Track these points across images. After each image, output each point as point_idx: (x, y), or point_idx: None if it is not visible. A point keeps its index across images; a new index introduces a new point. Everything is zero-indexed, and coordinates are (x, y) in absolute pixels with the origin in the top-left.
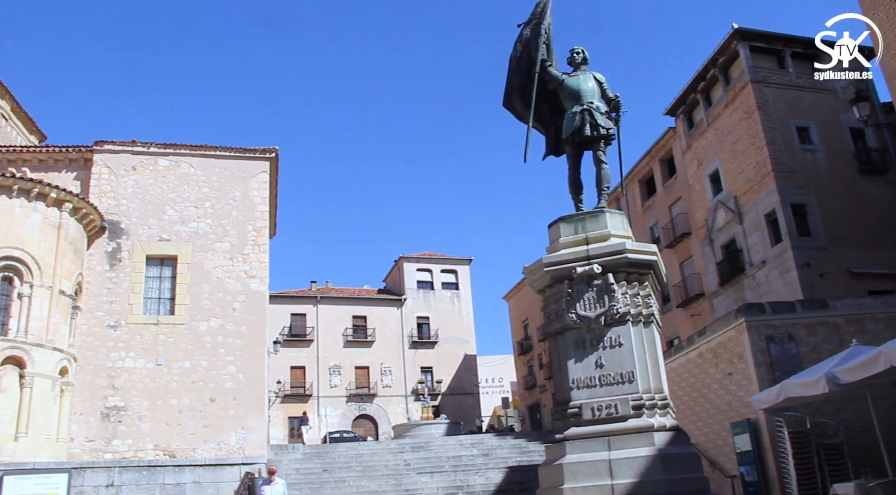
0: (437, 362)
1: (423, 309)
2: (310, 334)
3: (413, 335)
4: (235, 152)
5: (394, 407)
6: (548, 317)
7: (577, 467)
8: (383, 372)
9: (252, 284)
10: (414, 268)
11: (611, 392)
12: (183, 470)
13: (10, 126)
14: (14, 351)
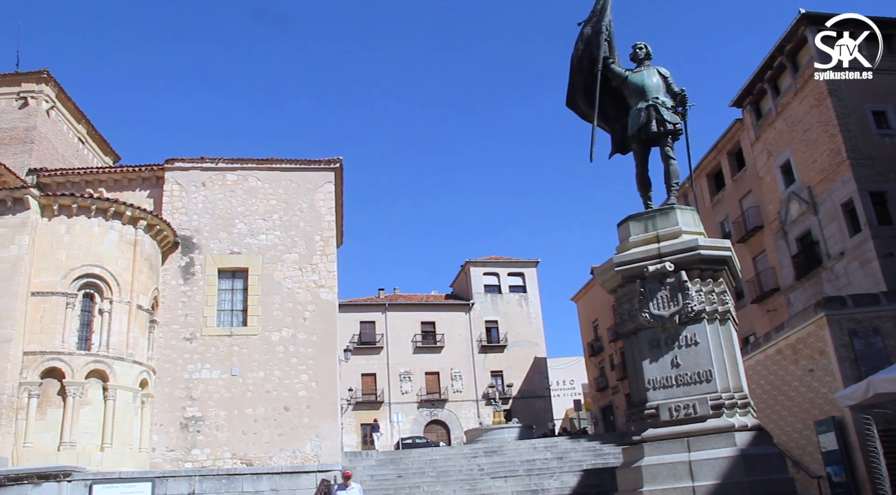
0: (507, 366)
1: (491, 313)
2: (379, 341)
3: (482, 339)
4: (300, 164)
5: (465, 411)
6: (620, 318)
7: (655, 469)
8: (453, 377)
9: (321, 293)
10: (481, 273)
11: (688, 392)
12: (261, 478)
13: (87, 149)
14: (97, 365)
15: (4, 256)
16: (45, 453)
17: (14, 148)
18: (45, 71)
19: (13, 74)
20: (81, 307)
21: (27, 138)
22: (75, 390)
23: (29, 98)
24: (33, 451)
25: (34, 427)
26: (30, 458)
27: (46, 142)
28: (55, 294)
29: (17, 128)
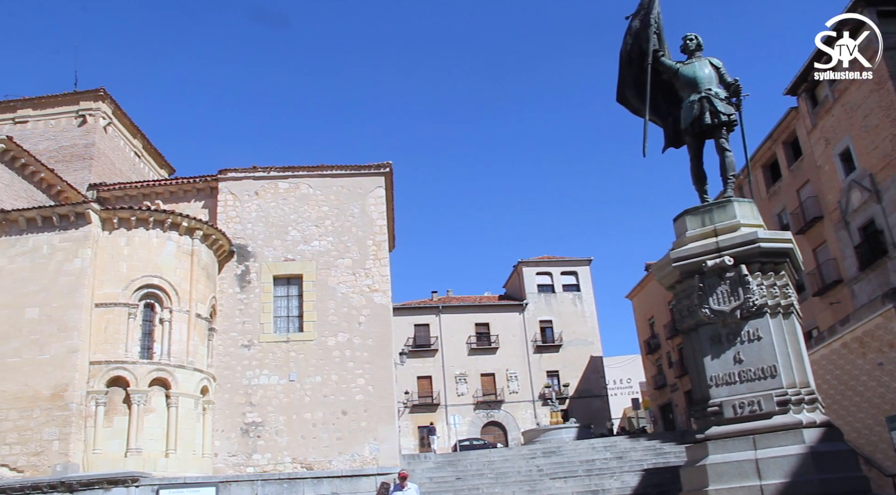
0: (563, 365)
1: (545, 312)
2: (434, 344)
3: (537, 339)
4: (351, 170)
5: (521, 412)
6: (679, 314)
7: (721, 468)
8: (509, 378)
9: (375, 298)
10: (533, 272)
11: (752, 388)
12: (321, 482)
13: (143, 162)
14: (159, 373)
15: (69, 269)
16: (113, 459)
17: (75, 164)
18: (102, 89)
19: (72, 93)
20: (143, 317)
21: (87, 155)
22: (139, 398)
23: (87, 116)
24: (102, 457)
25: (102, 434)
26: (99, 464)
27: (105, 157)
28: (118, 305)
29: (77, 145)
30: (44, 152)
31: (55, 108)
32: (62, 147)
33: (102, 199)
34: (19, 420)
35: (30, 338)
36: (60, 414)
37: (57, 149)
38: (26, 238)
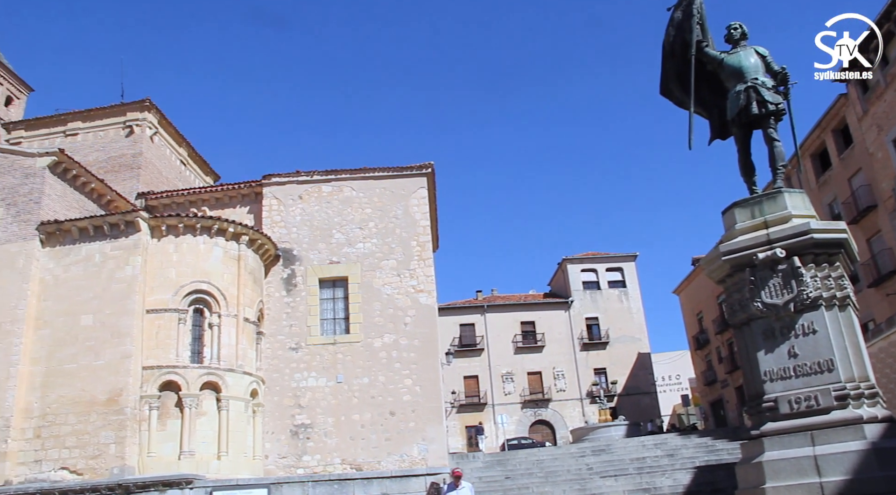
0: (611, 363)
1: (590, 309)
2: (479, 343)
3: (583, 337)
4: (393, 171)
5: (569, 410)
6: (731, 308)
7: (778, 465)
8: (556, 376)
9: (421, 298)
10: (578, 269)
11: (808, 383)
12: (371, 483)
13: (189, 170)
14: (210, 377)
15: (120, 277)
16: (167, 462)
17: (123, 174)
18: (147, 99)
19: (119, 105)
20: (192, 322)
21: (134, 164)
22: (191, 401)
23: (134, 126)
24: (156, 460)
25: (156, 437)
26: (154, 467)
27: (152, 166)
28: (168, 310)
29: (125, 155)
30: (94, 163)
31: (103, 120)
32: (111, 157)
33: (151, 207)
34: (77, 424)
35: (85, 345)
36: (116, 419)
37: (106, 159)
38: (79, 247)
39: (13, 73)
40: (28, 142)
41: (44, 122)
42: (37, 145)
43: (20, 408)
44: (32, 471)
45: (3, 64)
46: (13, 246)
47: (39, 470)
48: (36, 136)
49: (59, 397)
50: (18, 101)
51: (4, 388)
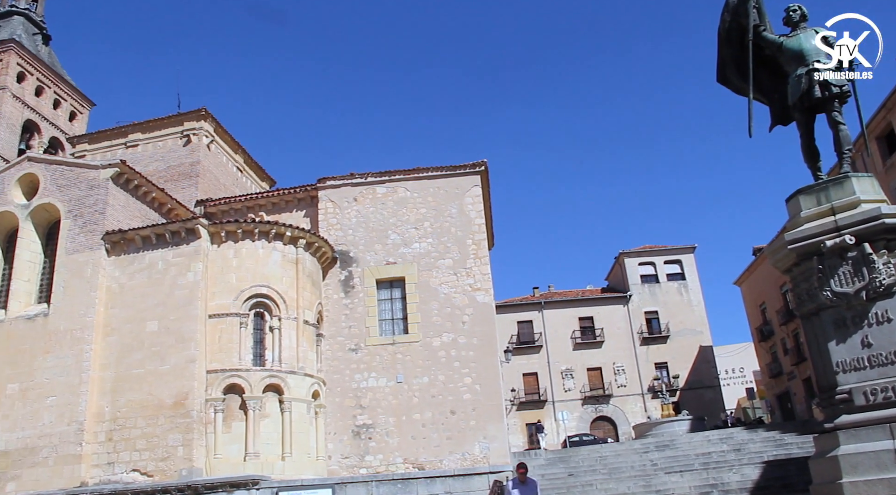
0: (672, 357)
1: (649, 303)
2: (538, 340)
3: (643, 331)
4: (446, 170)
5: (631, 406)
6: (798, 298)
7: (855, 459)
8: (616, 371)
9: (478, 297)
10: (636, 263)
11: (885, 373)
12: (434, 482)
13: (245, 176)
14: (272, 379)
15: (182, 283)
16: (233, 463)
17: (182, 182)
18: (203, 109)
19: (176, 115)
20: (254, 326)
21: (192, 172)
22: (255, 404)
23: (191, 135)
24: (223, 462)
25: (222, 439)
26: (220, 468)
27: (209, 174)
28: (229, 315)
29: (183, 164)
30: (154, 173)
31: (162, 131)
32: (170, 166)
33: (209, 214)
34: (146, 427)
35: (151, 350)
36: (183, 421)
37: (166, 168)
38: (143, 255)
39: (76, 90)
40: (92, 154)
41: (106, 135)
42: (100, 158)
43: (92, 413)
44: (106, 473)
45: (66, 81)
46: (81, 256)
47: (112, 472)
48: (99, 149)
49: (128, 401)
50: (81, 116)
51: (77, 393)
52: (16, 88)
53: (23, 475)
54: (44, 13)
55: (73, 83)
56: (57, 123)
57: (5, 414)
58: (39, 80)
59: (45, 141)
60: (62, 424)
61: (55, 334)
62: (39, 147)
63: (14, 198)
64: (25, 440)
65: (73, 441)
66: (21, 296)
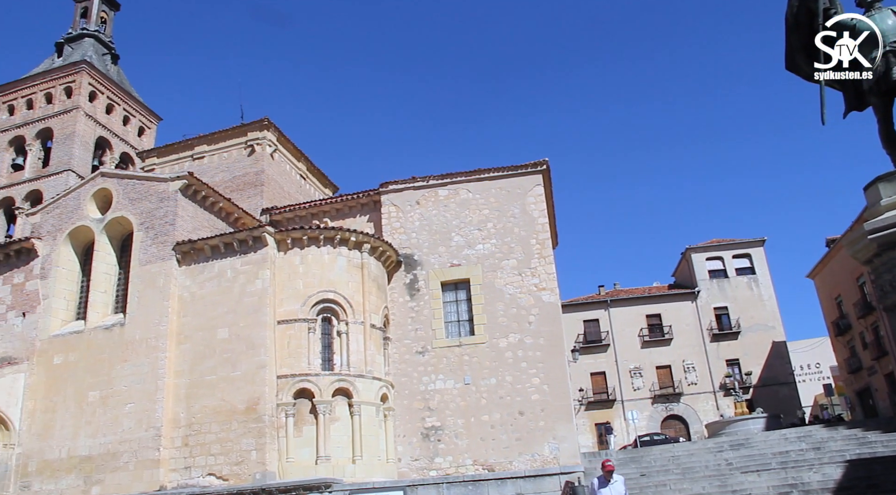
0: (743, 353)
1: (718, 299)
2: (605, 339)
3: (712, 327)
4: (507, 171)
5: (702, 404)
6: (881, 289)
7: None
8: (686, 369)
9: (543, 296)
10: (703, 258)
11: None
12: (505, 483)
13: (309, 183)
14: (341, 383)
15: (251, 290)
16: (304, 466)
17: (248, 192)
18: (266, 118)
19: (240, 126)
20: (321, 330)
21: (257, 181)
22: (324, 408)
23: (255, 145)
24: (295, 465)
25: (293, 443)
26: (292, 472)
27: (273, 182)
28: (297, 320)
29: (248, 174)
30: (220, 183)
31: (226, 142)
32: (235, 176)
33: (275, 222)
34: (220, 432)
35: (223, 357)
36: (255, 426)
37: (231, 179)
38: (212, 264)
39: (144, 106)
40: (160, 168)
41: (173, 149)
42: (168, 170)
43: (168, 419)
44: (183, 477)
45: (134, 98)
46: (153, 266)
47: (189, 476)
48: (167, 162)
49: (202, 407)
50: (149, 130)
51: (154, 400)
52: (88, 107)
53: (106, 479)
54: (112, 34)
55: (140, 99)
56: (127, 139)
57: (88, 421)
58: (109, 98)
59: (116, 156)
60: (141, 430)
61: (131, 343)
62: (111, 162)
63: (90, 212)
64: (107, 445)
65: (152, 446)
66: (98, 306)
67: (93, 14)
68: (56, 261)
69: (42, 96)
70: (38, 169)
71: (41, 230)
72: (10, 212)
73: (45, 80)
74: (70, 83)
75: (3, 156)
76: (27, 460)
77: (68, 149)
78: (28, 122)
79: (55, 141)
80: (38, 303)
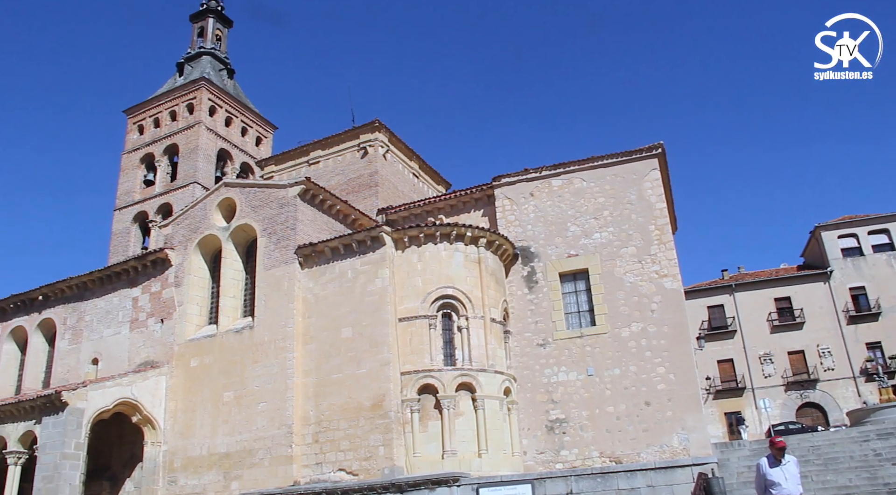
0: (885, 335)
1: (854, 278)
2: (731, 325)
3: (848, 309)
4: (621, 157)
5: (841, 391)
6: None
7: None
8: (821, 354)
9: (665, 283)
10: (834, 236)
11: None
12: (634, 475)
13: (422, 181)
14: (464, 378)
15: (371, 289)
16: (431, 461)
17: (363, 193)
18: (377, 120)
19: (352, 130)
20: (442, 326)
21: (372, 182)
22: (448, 403)
23: (367, 147)
24: (422, 460)
25: (419, 438)
26: (419, 467)
27: (387, 182)
28: (418, 317)
29: (362, 176)
30: (336, 186)
31: (340, 145)
32: (350, 179)
33: (391, 221)
34: (348, 429)
35: (347, 355)
36: (381, 422)
37: (346, 181)
38: (333, 266)
39: (260, 116)
40: (279, 175)
41: (289, 156)
42: (286, 177)
43: (299, 416)
44: (315, 473)
45: (251, 109)
46: (277, 270)
47: (321, 471)
48: (285, 169)
49: (330, 405)
50: (266, 139)
51: (284, 399)
52: (209, 122)
53: (244, 475)
54: (226, 50)
55: (256, 110)
56: (245, 149)
57: (224, 420)
58: (228, 111)
59: (236, 166)
60: (273, 428)
61: (260, 345)
62: (232, 173)
63: (216, 221)
64: (243, 443)
65: (284, 443)
66: (228, 311)
67: (208, 33)
68: (188, 269)
69: (167, 114)
70: (167, 183)
71: (173, 240)
72: (145, 225)
73: (168, 99)
74: (191, 100)
75: (136, 173)
76: (172, 457)
77: (193, 163)
78: (156, 140)
79: (181, 155)
80: (174, 310)
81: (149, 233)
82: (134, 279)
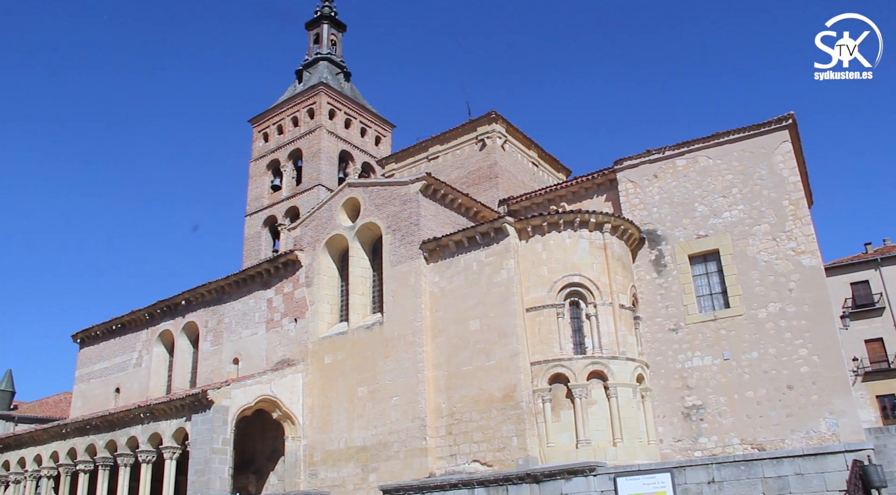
0: None
1: None
2: (878, 302)
3: None
4: (748, 131)
5: None
6: None
7: None
8: None
9: (803, 260)
10: None
11: None
12: (781, 463)
13: (541, 170)
14: (595, 366)
15: (497, 281)
16: (565, 451)
17: (483, 185)
18: (493, 111)
19: (469, 123)
20: (570, 315)
21: (491, 174)
22: (580, 392)
23: (485, 139)
24: (556, 450)
25: (552, 428)
26: (553, 456)
27: (507, 173)
28: (545, 307)
29: (481, 168)
30: (456, 180)
31: (457, 139)
32: (470, 172)
33: (513, 212)
34: (481, 420)
35: (476, 347)
36: (513, 413)
37: (466, 174)
38: (458, 259)
39: (378, 116)
40: (399, 172)
41: (409, 153)
42: (407, 174)
43: (431, 409)
44: (450, 464)
45: (368, 110)
46: (403, 266)
47: (455, 463)
48: (405, 166)
49: (461, 397)
50: (385, 138)
51: (416, 392)
52: (329, 125)
53: (380, 467)
54: (342, 53)
55: (374, 110)
56: (365, 149)
57: (359, 414)
58: (346, 113)
59: (358, 167)
60: (407, 421)
61: (391, 340)
62: (354, 173)
63: (341, 221)
64: (378, 436)
65: (418, 436)
66: (358, 308)
67: (324, 39)
68: (317, 269)
69: (289, 120)
70: (293, 187)
71: (302, 242)
72: (274, 228)
73: (290, 105)
74: (311, 105)
75: (263, 179)
76: (312, 451)
77: (316, 166)
78: (280, 146)
79: (304, 159)
80: (306, 309)
81: (278, 236)
82: (267, 281)
